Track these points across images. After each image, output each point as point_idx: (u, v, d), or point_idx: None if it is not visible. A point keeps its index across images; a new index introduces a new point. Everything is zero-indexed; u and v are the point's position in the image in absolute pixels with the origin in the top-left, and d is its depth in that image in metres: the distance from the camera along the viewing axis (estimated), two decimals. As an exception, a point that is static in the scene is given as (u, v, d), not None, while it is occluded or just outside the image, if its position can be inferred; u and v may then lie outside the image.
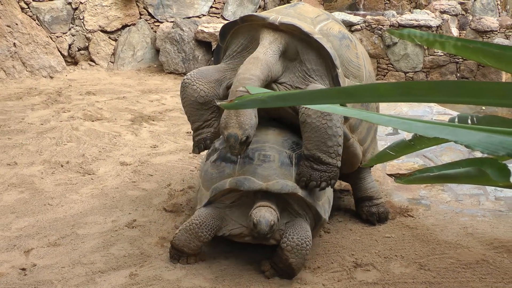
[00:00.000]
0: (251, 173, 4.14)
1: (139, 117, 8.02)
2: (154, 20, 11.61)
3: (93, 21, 11.06)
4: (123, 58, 11.28)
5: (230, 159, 4.24)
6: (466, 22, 11.45)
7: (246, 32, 4.49)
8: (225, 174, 4.21)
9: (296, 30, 4.28)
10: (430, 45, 2.52)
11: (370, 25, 10.60)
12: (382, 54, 10.66)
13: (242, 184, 4.10)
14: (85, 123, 7.60)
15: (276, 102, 2.50)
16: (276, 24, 4.25)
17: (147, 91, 9.70)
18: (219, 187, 4.16)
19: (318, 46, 4.32)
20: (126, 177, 5.91)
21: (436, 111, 7.68)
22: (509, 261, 4.44)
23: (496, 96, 2.05)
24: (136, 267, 4.23)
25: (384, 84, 2.14)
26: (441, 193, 5.66)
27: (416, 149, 3.34)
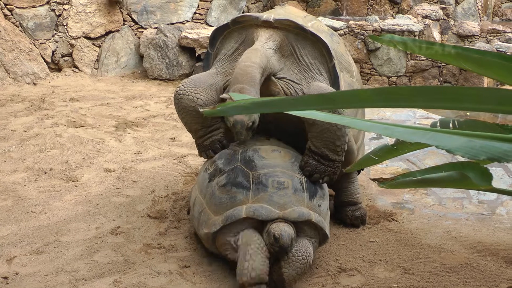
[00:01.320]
0: (267, 201, 4.10)
1: (123, 123, 8.00)
2: (138, 26, 11.60)
3: (76, 27, 11.03)
4: (107, 65, 11.26)
5: (241, 184, 4.16)
6: (448, 27, 11.53)
7: (237, 35, 4.53)
8: (237, 200, 4.13)
9: (291, 25, 4.35)
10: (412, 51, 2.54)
11: (353, 30, 10.65)
12: (365, 59, 10.71)
13: (260, 214, 4.04)
14: (69, 129, 7.57)
15: (259, 109, 2.51)
16: (270, 21, 4.32)
17: (131, 97, 9.68)
18: (235, 216, 4.06)
19: (313, 39, 4.40)
20: (110, 183, 5.89)
21: (419, 115, 7.73)
22: (492, 264, 4.46)
23: (476, 101, 2.06)
24: (120, 274, 4.21)
25: (365, 90, 2.16)
26: (425, 197, 5.69)
27: (399, 154, 3.36)
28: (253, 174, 4.20)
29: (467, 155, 2.09)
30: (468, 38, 11.26)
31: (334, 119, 3.02)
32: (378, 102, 2.22)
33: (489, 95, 2.08)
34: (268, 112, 3.99)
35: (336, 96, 2.24)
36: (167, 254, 4.50)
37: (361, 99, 2.19)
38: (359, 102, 2.27)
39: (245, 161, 4.29)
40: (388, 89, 2.14)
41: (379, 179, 3.33)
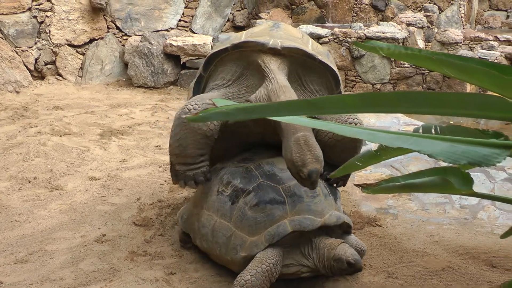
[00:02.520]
0: (307, 211, 4.09)
1: (108, 131, 8.00)
2: (122, 33, 11.60)
3: (59, 35, 11.01)
4: (91, 72, 11.25)
5: (275, 200, 4.11)
6: (431, 34, 11.63)
7: (236, 59, 4.40)
8: (276, 216, 4.06)
9: (299, 53, 4.28)
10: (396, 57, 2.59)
11: (337, 37, 10.72)
12: (350, 66, 10.79)
13: (306, 225, 4.03)
14: (53, 138, 7.57)
15: (241, 115, 2.53)
16: (278, 49, 4.22)
17: (116, 105, 9.68)
18: (281, 232, 3.99)
19: (320, 66, 4.36)
20: (95, 192, 5.90)
21: (403, 122, 7.80)
22: (473, 267, 4.53)
23: (458, 107, 2.11)
24: (106, 282, 4.22)
25: (350, 95, 2.19)
26: (408, 202, 5.75)
27: (382, 159, 3.37)
28: (283, 188, 4.19)
29: (449, 160, 2.15)
30: (451, 46, 11.37)
31: (318, 124, 3.05)
32: (362, 108, 2.26)
33: (471, 100, 2.13)
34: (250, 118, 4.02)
35: (321, 102, 2.28)
36: (153, 262, 4.51)
37: (346, 104, 2.22)
38: (344, 108, 2.30)
39: (266, 176, 4.26)
40: (372, 95, 2.18)
41: (363, 185, 3.37)
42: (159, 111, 9.38)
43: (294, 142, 3.77)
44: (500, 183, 6.09)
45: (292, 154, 3.77)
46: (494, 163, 2.19)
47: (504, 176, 6.22)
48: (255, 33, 4.49)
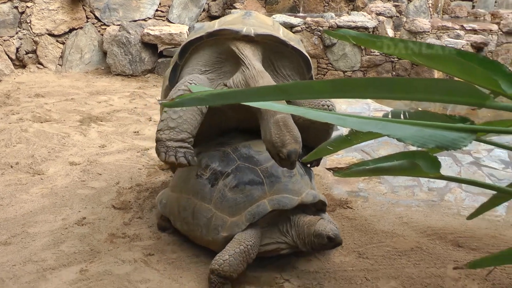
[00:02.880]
0: (285, 190, 4.20)
1: (88, 118, 8.06)
2: (101, 23, 11.62)
3: (40, 24, 11.03)
4: (71, 61, 11.28)
5: (254, 181, 4.20)
6: (400, 23, 11.78)
7: (210, 46, 4.47)
8: (255, 197, 4.17)
9: (272, 39, 4.38)
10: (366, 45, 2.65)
11: (310, 26, 10.83)
12: (321, 54, 10.91)
13: (285, 204, 4.14)
14: (34, 124, 7.61)
15: (216, 100, 2.61)
16: (252, 36, 4.31)
17: (95, 92, 9.72)
18: (261, 211, 4.09)
19: (292, 52, 4.46)
20: (75, 176, 5.97)
21: (373, 108, 7.89)
22: (441, 247, 4.67)
23: (425, 92, 2.18)
24: (86, 263, 4.29)
25: (319, 81, 2.26)
26: (378, 185, 5.88)
27: (353, 144, 3.40)
28: (260, 169, 4.29)
29: (417, 144, 2.22)
30: (419, 34, 11.52)
31: (290, 110, 3.12)
32: (332, 93, 2.33)
33: (438, 86, 2.19)
34: (224, 103, 4.08)
35: (290, 87, 2.33)
36: (131, 243, 4.59)
37: (315, 90, 2.28)
38: (313, 93, 2.37)
39: (244, 158, 4.34)
40: (341, 81, 2.23)
41: (334, 169, 3.39)
42: (137, 98, 9.45)
43: (273, 124, 3.85)
44: (466, 167, 6.22)
45: (271, 135, 3.85)
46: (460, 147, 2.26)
47: (470, 159, 6.34)
48: (228, 21, 4.56)
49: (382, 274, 4.26)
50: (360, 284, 4.12)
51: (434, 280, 4.19)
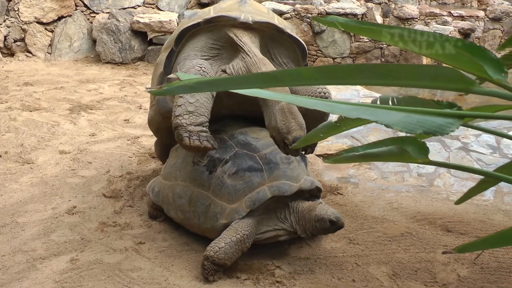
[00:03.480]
0: (284, 177, 4.22)
1: (77, 106, 8.04)
2: (90, 11, 11.59)
3: (28, 12, 10.98)
4: (60, 49, 11.25)
5: (253, 167, 4.20)
6: (389, 10, 11.80)
7: (207, 33, 4.46)
8: (254, 183, 4.18)
9: (269, 27, 4.39)
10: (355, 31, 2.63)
11: (299, 13, 10.85)
12: (311, 41, 10.94)
13: (285, 190, 4.16)
14: (23, 113, 7.59)
15: (204, 88, 2.61)
16: (249, 23, 4.31)
17: (85, 81, 9.70)
18: (261, 198, 4.11)
19: (289, 40, 4.48)
20: (65, 165, 5.96)
21: (363, 94, 7.93)
22: (430, 232, 4.70)
23: (413, 78, 2.18)
24: (77, 252, 4.29)
25: (307, 68, 2.25)
26: (368, 171, 5.90)
27: (342, 130, 3.38)
28: (259, 156, 4.29)
29: (405, 129, 2.19)
30: (408, 21, 11.58)
31: (278, 96, 3.12)
32: (320, 80, 2.32)
33: (425, 72, 2.18)
34: (213, 91, 4.07)
35: (279, 74, 2.31)
36: (122, 232, 4.60)
37: (303, 77, 2.26)
38: (301, 80, 2.33)
39: (242, 145, 4.34)
40: (329, 67, 2.21)
41: (324, 155, 3.38)
42: (127, 86, 9.44)
43: (278, 111, 3.87)
44: (455, 152, 6.25)
45: (277, 122, 3.87)
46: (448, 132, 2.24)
47: (459, 145, 6.38)
48: (224, 8, 4.54)
49: (372, 260, 4.29)
50: (351, 270, 4.15)
51: (424, 264, 4.22)
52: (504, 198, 5.38)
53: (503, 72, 2.22)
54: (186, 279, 3.98)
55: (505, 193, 5.45)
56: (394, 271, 4.13)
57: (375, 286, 3.96)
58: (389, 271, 4.14)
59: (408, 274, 4.10)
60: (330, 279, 4.03)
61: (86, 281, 3.91)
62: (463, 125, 2.49)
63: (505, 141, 6.47)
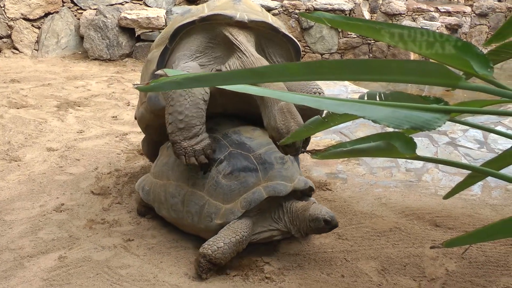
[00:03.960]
0: (279, 177, 4.22)
1: (65, 103, 8.01)
2: (77, 7, 11.55)
3: (14, 9, 10.93)
4: (47, 46, 11.20)
5: (248, 167, 4.18)
6: (376, 6, 11.85)
7: (202, 31, 4.42)
8: (250, 184, 4.17)
9: (265, 26, 4.37)
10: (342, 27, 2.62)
11: (287, 9, 10.87)
12: (299, 37, 10.97)
13: (280, 191, 4.16)
14: (10, 110, 7.55)
15: (192, 84, 2.60)
16: (245, 22, 4.28)
17: (73, 77, 9.67)
18: (257, 198, 4.10)
19: (283, 39, 4.46)
20: (53, 162, 5.93)
21: (351, 90, 7.96)
22: (418, 227, 4.72)
23: (399, 73, 2.18)
24: (65, 249, 4.27)
25: (294, 63, 2.24)
26: (357, 167, 5.92)
27: (330, 126, 3.38)
28: (254, 156, 4.27)
29: (392, 125, 2.21)
30: (395, 17, 11.64)
31: (266, 92, 3.11)
32: (306, 75, 2.32)
33: (411, 67, 2.19)
34: (200, 87, 4.05)
35: (266, 70, 2.32)
36: (111, 229, 4.59)
37: (290, 72, 2.26)
38: (288, 76, 2.32)
39: (236, 145, 4.32)
40: (316, 63, 2.21)
41: (312, 151, 3.37)
42: (115, 83, 9.41)
43: (278, 111, 3.86)
44: (442, 147, 6.28)
45: (276, 122, 3.86)
46: (434, 127, 2.25)
47: (446, 140, 6.41)
48: (218, 6, 4.50)
49: (361, 255, 4.30)
50: (340, 265, 4.15)
51: (413, 259, 4.24)
52: (492, 192, 5.41)
53: (489, 68, 2.22)
54: (175, 276, 3.97)
55: (492, 187, 5.48)
56: (383, 266, 4.15)
57: (364, 281, 3.97)
58: (378, 266, 4.15)
59: (397, 269, 4.12)
60: (319, 274, 4.04)
61: (74, 279, 3.89)
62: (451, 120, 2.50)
63: (492, 136, 6.51)
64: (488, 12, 12.86)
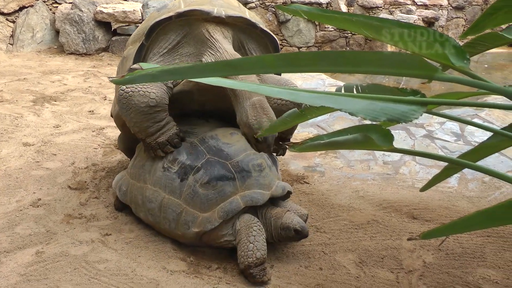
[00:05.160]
0: (256, 185, 4.20)
1: (41, 98, 7.95)
2: (52, 1, 11.46)
3: (-12, 3, 10.85)
4: (23, 40, 11.10)
5: (225, 176, 4.15)
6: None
7: (177, 27, 4.38)
8: (227, 193, 4.15)
9: (243, 22, 4.35)
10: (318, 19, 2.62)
11: (264, 2, 10.89)
12: (276, 30, 10.99)
13: (257, 200, 4.14)
14: (-15, 106, 7.48)
15: (166, 77, 2.58)
16: (222, 17, 4.25)
17: (48, 72, 9.60)
18: (234, 208, 4.09)
19: (261, 34, 4.47)
20: (29, 157, 5.89)
21: (328, 83, 7.97)
22: (396, 219, 4.75)
23: (375, 65, 2.18)
24: (42, 244, 4.25)
25: (269, 55, 2.25)
26: (335, 160, 5.93)
27: (307, 119, 3.38)
28: (231, 164, 4.23)
29: (369, 117, 2.19)
30: (372, 10, 11.69)
31: (242, 86, 3.10)
32: (281, 67, 2.31)
33: (387, 59, 2.17)
34: (174, 79, 4.03)
35: (240, 62, 2.29)
36: (88, 224, 4.57)
37: (265, 64, 2.24)
38: (263, 68, 2.32)
39: (213, 152, 4.28)
40: (292, 54, 2.20)
41: (289, 144, 3.37)
42: (91, 77, 9.36)
43: (250, 106, 3.84)
44: (420, 140, 6.31)
45: (248, 117, 3.83)
46: (411, 119, 2.23)
47: (424, 132, 6.45)
48: (195, 1, 4.46)
49: (339, 248, 4.32)
50: (318, 258, 4.17)
51: (390, 252, 4.27)
52: (468, 184, 5.46)
53: (465, 60, 2.23)
54: (153, 270, 3.96)
55: (469, 179, 5.52)
56: (361, 259, 4.17)
57: (342, 274, 3.99)
58: (356, 258, 4.18)
59: (375, 261, 4.14)
60: (297, 267, 4.05)
61: (52, 274, 3.86)
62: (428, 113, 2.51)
63: (469, 128, 6.56)
64: (464, 5, 12.95)
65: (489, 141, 3.26)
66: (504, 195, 5.22)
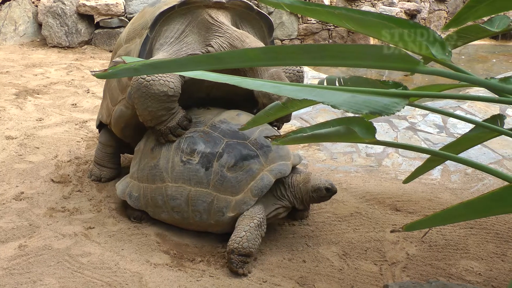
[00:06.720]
0: (278, 158, 4.25)
1: (24, 91, 7.91)
2: (35, -6, 11.42)
3: (-30, -5, 10.76)
4: (5, 33, 11.03)
5: (249, 155, 4.18)
6: (335, -10, 11.95)
7: (180, 16, 4.42)
8: (254, 171, 4.17)
9: (241, 5, 4.47)
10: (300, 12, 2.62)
11: (246, -5, 10.88)
12: (258, 23, 10.99)
13: (285, 171, 4.22)
14: (-33, 99, 7.43)
15: (149, 70, 2.58)
16: (223, 2, 4.35)
17: (31, 65, 9.55)
18: (266, 184, 4.13)
19: (257, 18, 4.60)
20: (12, 150, 5.86)
21: (311, 76, 7.98)
22: (379, 211, 4.78)
23: (357, 58, 2.19)
24: (25, 238, 4.24)
25: (253, 49, 2.24)
26: (318, 152, 5.94)
27: (290, 111, 3.40)
28: (250, 142, 4.26)
29: (351, 110, 2.19)
30: (355, 2, 11.70)
31: (223, 78, 3.10)
32: (265, 61, 2.31)
33: (369, 51, 2.20)
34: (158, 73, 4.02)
35: (224, 56, 2.29)
36: (71, 217, 4.56)
37: (248, 57, 2.24)
38: (247, 61, 2.31)
39: (229, 135, 4.28)
40: (275, 48, 2.20)
41: (272, 137, 3.38)
42: (74, 70, 9.32)
43: (268, 77, 4.02)
44: (402, 132, 6.34)
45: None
46: (393, 112, 2.24)
47: (406, 125, 6.48)
48: None
49: (323, 240, 4.33)
50: (301, 251, 4.18)
51: (374, 244, 4.29)
52: (451, 176, 5.49)
53: (447, 52, 2.25)
54: (136, 263, 3.96)
55: (451, 171, 5.55)
56: (344, 251, 4.19)
57: (326, 266, 4.00)
58: (339, 251, 4.19)
59: (358, 254, 4.16)
60: (281, 260, 4.07)
61: (35, 267, 3.86)
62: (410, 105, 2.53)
63: (451, 120, 6.59)
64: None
65: (471, 133, 3.29)
66: (486, 187, 5.25)
